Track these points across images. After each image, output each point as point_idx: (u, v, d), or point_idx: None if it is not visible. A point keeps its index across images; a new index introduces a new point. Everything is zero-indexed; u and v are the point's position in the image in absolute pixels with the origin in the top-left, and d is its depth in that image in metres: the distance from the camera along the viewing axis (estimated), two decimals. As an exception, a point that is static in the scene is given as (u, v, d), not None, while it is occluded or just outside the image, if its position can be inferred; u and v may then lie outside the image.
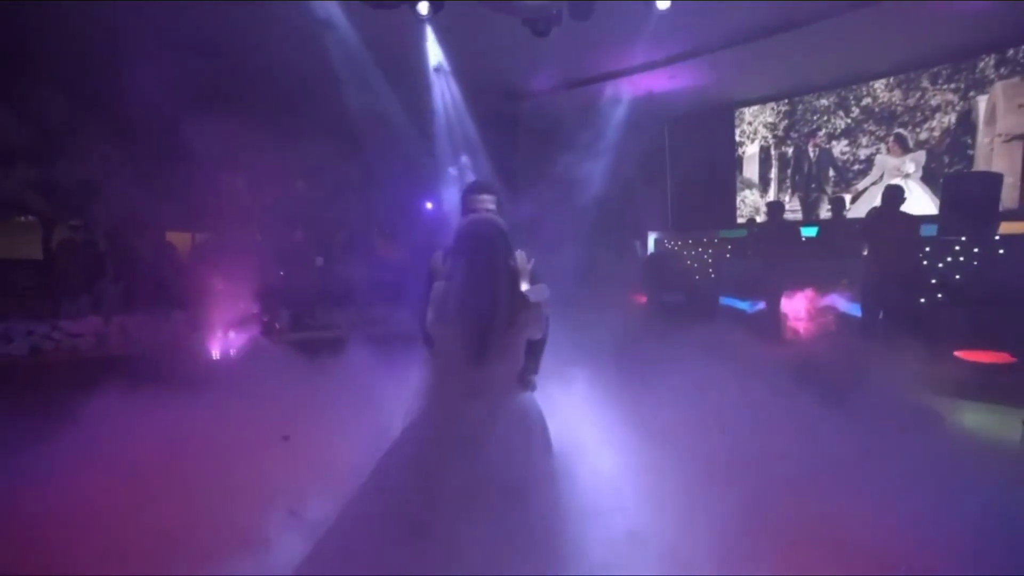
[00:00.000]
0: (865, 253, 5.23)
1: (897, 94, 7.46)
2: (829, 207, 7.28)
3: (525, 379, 1.87)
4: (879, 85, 7.61)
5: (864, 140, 7.83)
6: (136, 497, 2.54)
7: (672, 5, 5.29)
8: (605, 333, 4.19)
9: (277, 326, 5.67)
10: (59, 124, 5.85)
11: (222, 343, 5.10)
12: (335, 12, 5.28)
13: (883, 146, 7.63)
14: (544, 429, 1.87)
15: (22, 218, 9.55)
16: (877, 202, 5.47)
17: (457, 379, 1.73)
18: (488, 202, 2.06)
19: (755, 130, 9.11)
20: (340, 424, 3.16)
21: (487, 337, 1.68)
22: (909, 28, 6.13)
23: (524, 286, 1.81)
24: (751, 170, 9.25)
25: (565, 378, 2.85)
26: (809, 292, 5.96)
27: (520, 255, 1.82)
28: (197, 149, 5.87)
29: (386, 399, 2.72)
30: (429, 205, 8.05)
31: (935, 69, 7.06)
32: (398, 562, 1.55)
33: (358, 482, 1.81)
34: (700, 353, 3.88)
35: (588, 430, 2.58)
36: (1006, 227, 5.76)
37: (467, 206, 2.07)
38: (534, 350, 1.92)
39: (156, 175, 6.76)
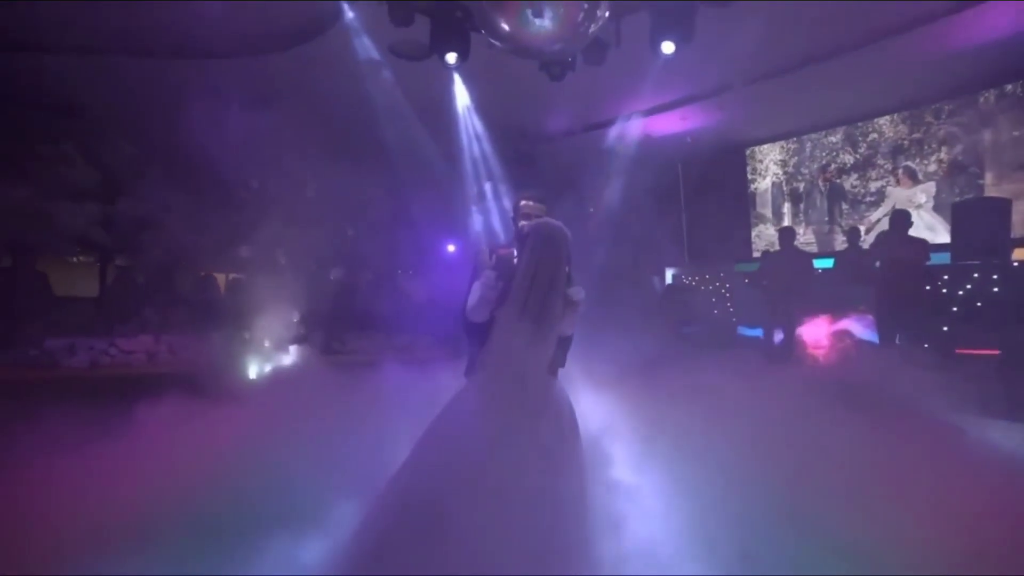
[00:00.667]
0: (877, 277, 5.37)
1: (903, 129, 7.73)
2: (844, 239, 7.43)
3: (554, 370, 2.04)
4: (883, 121, 7.91)
5: (873, 174, 8.07)
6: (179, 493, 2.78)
7: (679, 50, 5.74)
8: (629, 358, 4.38)
9: (310, 350, 6.00)
10: (122, 167, 6.50)
11: (259, 363, 5.43)
12: (376, 62, 5.85)
13: (892, 178, 7.85)
14: (573, 413, 2.02)
15: (74, 259, 10.34)
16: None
17: (509, 360, 1.85)
18: (544, 209, 2.30)
19: (767, 167, 9.43)
20: (375, 429, 3.38)
21: (541, 326, 1.88)
22: (910, 66, 6.46)
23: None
24: (764, 205, 9.51)
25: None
26: (825, 317, 6.06)
27: None
28: (247, 191, 6.45)
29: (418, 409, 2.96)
30: (451, 248, 8.49)
31: (937, 105, 7.35)
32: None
33: (399, 477, 1.91)
34: (720, 374, 4.04)
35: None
36: (1020, 253, 5.87)
37: (524, 211, 2.30)
38: (564, 345, 2.08)
39: (204, 215, 7.37)
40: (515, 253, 2.09)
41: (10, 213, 5.35)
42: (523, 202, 2.33)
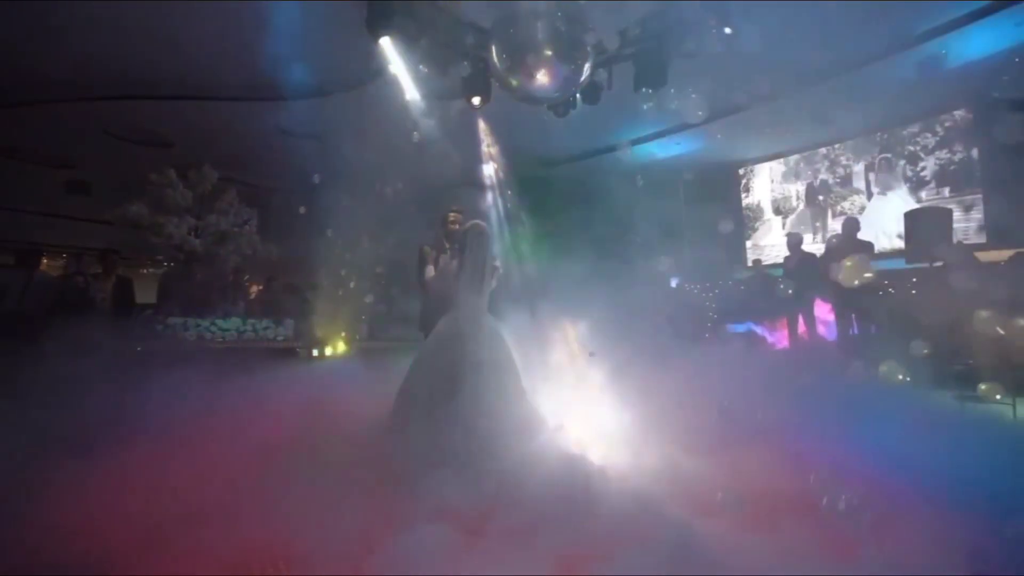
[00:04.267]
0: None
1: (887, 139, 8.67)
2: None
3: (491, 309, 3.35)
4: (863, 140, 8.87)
5: (861, 184, 8.98)
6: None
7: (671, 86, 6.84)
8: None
9: (358, 337, 7.28)
10: (207, 191, 7.98)
11: (320, 345, 6.75)
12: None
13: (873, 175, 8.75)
14: (501, 338, 3.17)
15: (144, 271, 12.00)
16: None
17: (457, 308, 3.19)
18: (461, 217, 3.93)
19: (761, 182, 10.46)
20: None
21: (478, 285, 3.20)
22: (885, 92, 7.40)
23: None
24: (762, 213, 10.46)
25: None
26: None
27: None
28: (306, 212, 7.84)
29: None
30: None
31: (915, 126, 8.31)
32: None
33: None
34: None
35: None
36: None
37: (453, 220, 4.00)
38: (492, 296, 3.41)
39: (270, 232, 8.81)
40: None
41: (132, 225, 6.83)
42: (451, 215, 3.99)
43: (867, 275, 5.72)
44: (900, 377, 4.92)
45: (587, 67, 4.59)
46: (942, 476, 2.62)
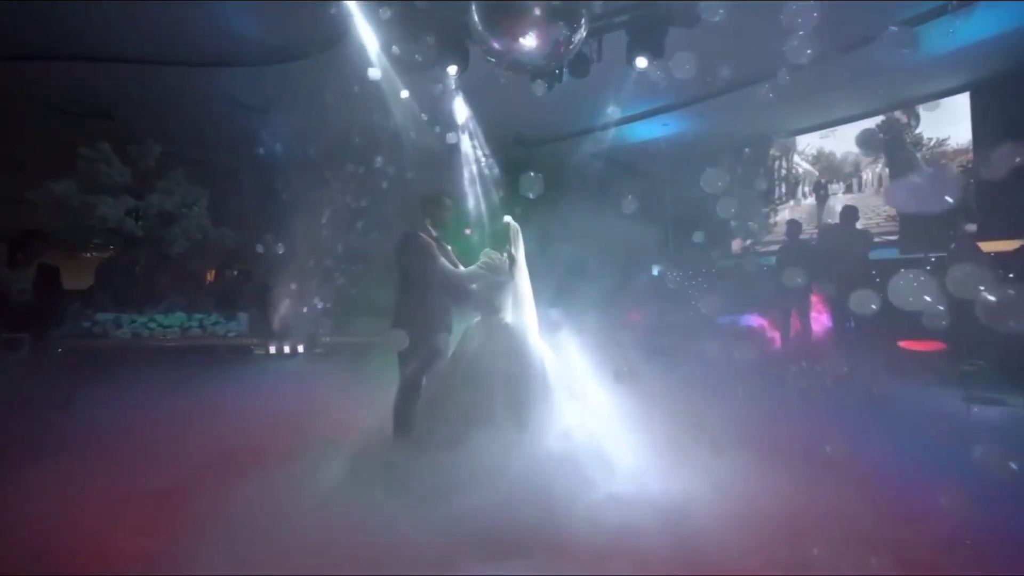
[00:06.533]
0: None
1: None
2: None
3: None
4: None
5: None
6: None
7: (655, 65, 6.38)
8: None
9: (321, 331, 6.63)
10: (150, 168, 7.14)
11: (279, 342, 6.08)
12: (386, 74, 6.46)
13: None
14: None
15: (87, 254, 10.98)
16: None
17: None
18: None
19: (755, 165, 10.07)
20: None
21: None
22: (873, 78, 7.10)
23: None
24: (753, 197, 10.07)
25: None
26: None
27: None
28: (263, 190, 7.08)
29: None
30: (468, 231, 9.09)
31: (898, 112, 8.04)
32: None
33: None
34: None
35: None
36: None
37: None
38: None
39: (223, 213, 8.01)
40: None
41: (58, 206, 5.98)
42: (447, 200, 3.37)
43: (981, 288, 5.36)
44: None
45: (581, 28, 4.02)
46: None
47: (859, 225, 6.13)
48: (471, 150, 8.14)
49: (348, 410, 3.47)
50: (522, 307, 2.99)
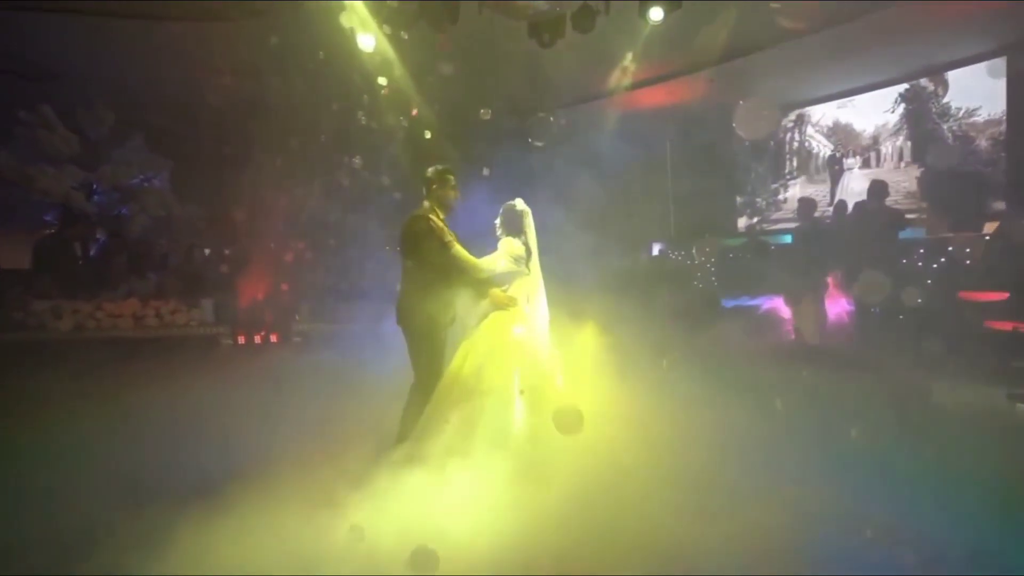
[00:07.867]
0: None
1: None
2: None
3: None
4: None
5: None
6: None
7: (667, 22, 5.71)
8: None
9: (297, 318, 6.05)
10: (103, 136, 6.38)
11: (246, 331, 5.47)
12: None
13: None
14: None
15: (47, 231, 10.16)
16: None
17: None
18: None
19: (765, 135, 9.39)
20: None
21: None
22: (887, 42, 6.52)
23: None
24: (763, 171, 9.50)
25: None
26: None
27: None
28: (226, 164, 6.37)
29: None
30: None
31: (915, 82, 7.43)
32: None
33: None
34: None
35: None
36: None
37: None
38: None
39: (190, 188, 7.29)
40: None
41: (-7, 177, 5.27)
42: (451, 176, 2.85)
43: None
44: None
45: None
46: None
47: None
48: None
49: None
50: (537, 304, 2.78)
